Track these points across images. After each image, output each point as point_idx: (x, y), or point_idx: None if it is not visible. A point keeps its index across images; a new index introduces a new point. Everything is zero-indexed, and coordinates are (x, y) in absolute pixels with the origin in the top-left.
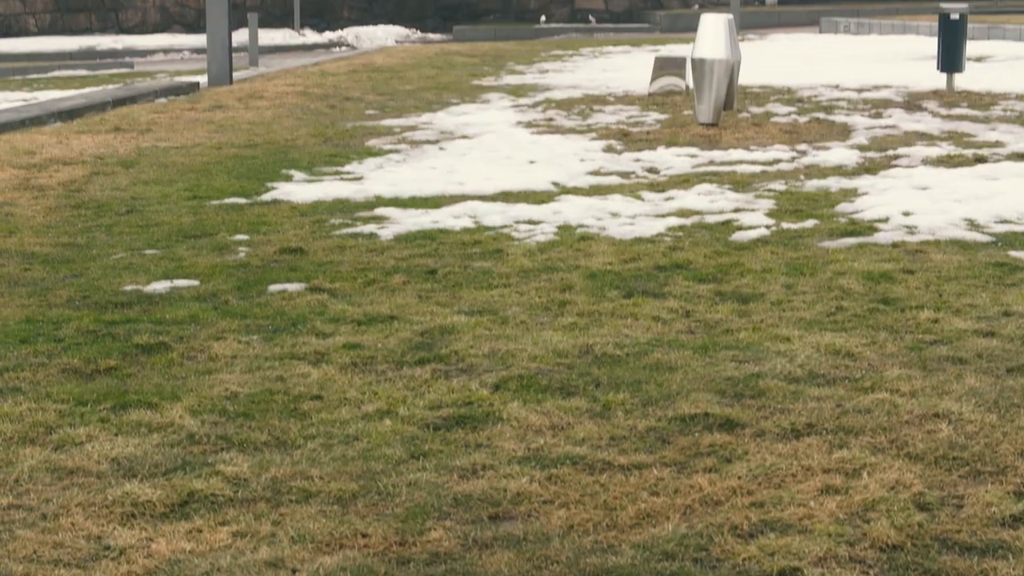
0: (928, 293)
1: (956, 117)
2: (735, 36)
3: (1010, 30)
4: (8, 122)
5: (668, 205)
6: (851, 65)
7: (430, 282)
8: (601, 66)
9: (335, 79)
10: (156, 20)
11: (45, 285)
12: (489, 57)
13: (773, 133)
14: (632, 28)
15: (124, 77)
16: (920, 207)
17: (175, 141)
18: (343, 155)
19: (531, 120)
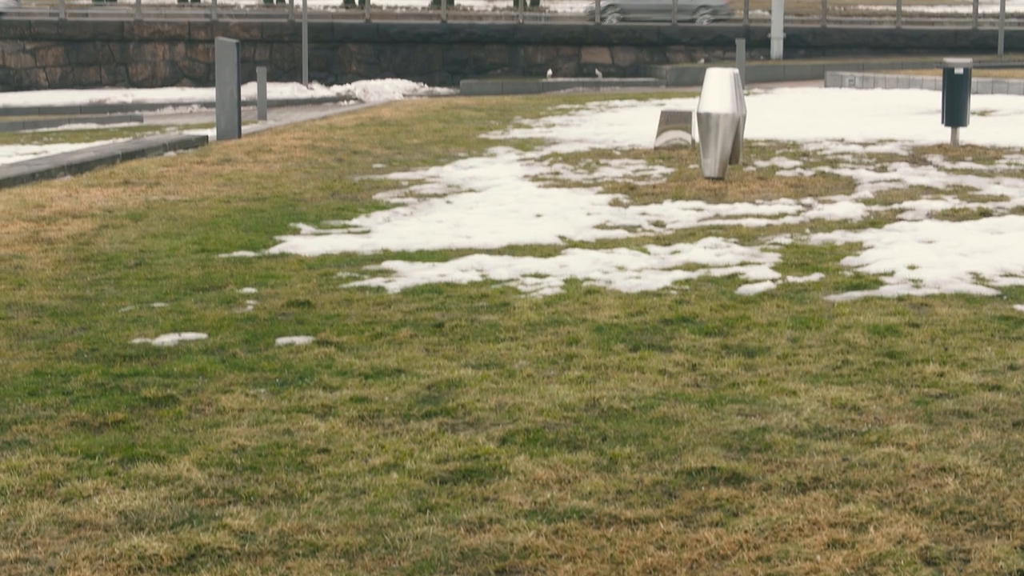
0: (934, 347)
1: (961, 171)
2: (740, 90)
3: (1014, 84)
4: (19, 175)
5: (674, 259)
6: (856, 119)
7: (437, 335)
8: (607, 120)
9: (343, 133)
10: (166, 74)
11: (54, 338)
12: (496, 111)
13: (779, 187)
14: (638, 82)
15: (134, 131)
16: (925, 261)
17: (184, 194)
18: (351, 208)
19: (538, 174)
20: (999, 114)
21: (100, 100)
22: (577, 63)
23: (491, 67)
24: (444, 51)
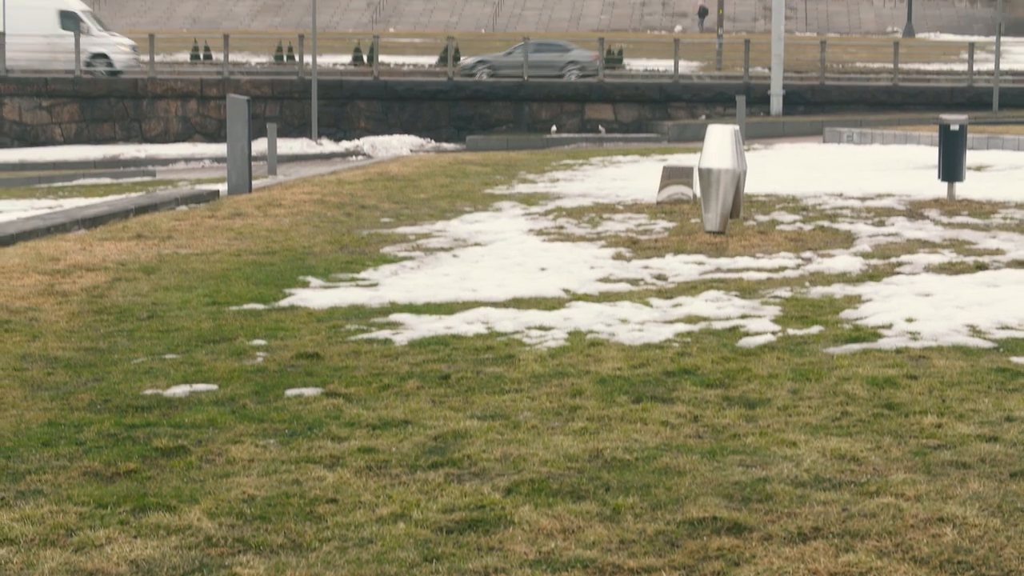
0: (931, 398)
1: (957, 225)
2: (741, 146)
3: (1008, 140)
4: (34, 229)
5: (676, 312)
6: (854, 174)
7: (443, 387)
8: (611, 175)
9: (351, 187)
10: (178, 130)
11: (68, 389)
12: (502, 166)
13: (779, 241)
14: (641, 138)
15: (147, 185)
16: (923, 314)
17: (195, 248)
18: (359, 262)
19: (542, 228)
20: (994, 169)
21: (114, 155)
22: (581, 119)
23: (497, 123)
24: (451, 108)
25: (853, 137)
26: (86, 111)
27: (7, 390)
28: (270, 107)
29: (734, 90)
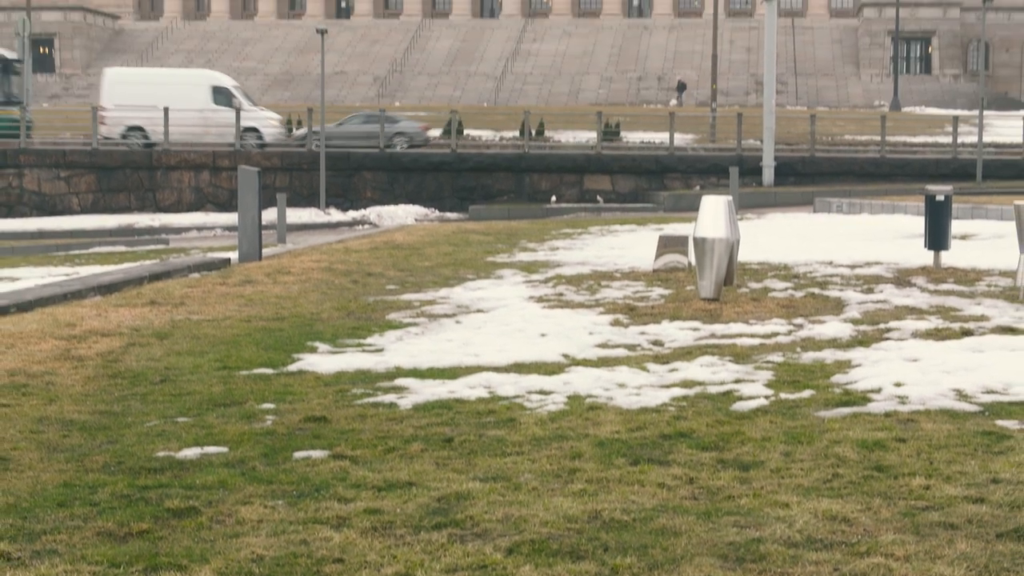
0: (920, 461)
1: (943, 292)
2: (734, 216)
3: (992, 210)
4: (51, 296)
5: (672, 376)
6: (844, 243)
7: (447, 450)
8: (608, 244)
9: (358, 256)
10: (191, 200)
11: (83, 451)
12: (503, 235)
13: (771, 307)
14: (638, 208)
15: (160, 253)
16: (911, 378)
17: (207, 314)
18: (365, 328)
19: (542, 295)
20: (979, 238)
21: (129, 224)
22: (580, 190)
23: (498, 193)
24: (454, 179)
25: (842, 207)
26: (103, 181)
27: (24, 452)
28: (280, 178)
29: (727, 162)
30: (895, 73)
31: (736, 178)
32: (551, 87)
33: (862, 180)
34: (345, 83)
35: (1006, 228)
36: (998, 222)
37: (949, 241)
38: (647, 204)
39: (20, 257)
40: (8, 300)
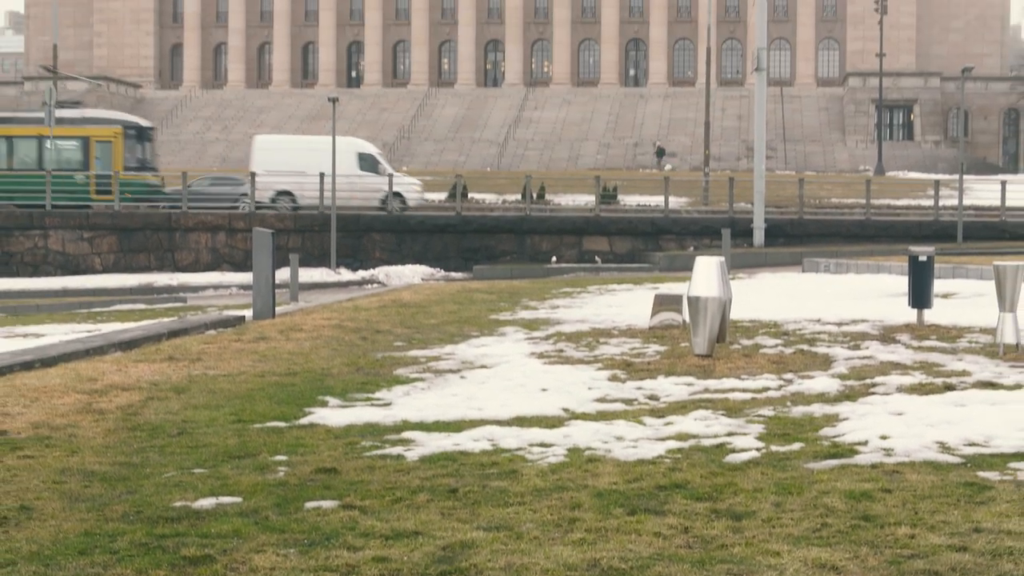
0: (905, 511)
1: (927, 349)
2: (726, 276)
3: (972, 270)
4: (74, 352)
5: (668, 429)
6: (831, 301)
7: (452, 500)
8: (606, 302)
9: (367, 313)
10: (208, 260)
11: (103, 501)
12: (506, 294)
13: (762, 363)
14: (634, 268)
15: (178, 311)
16: (896, 431)
17: (223, 369)
18: (374, 383)
19: (543, 351)
20: (960, 296)
21: (148, 283)
22: (579, 250)
23: (501, 254)
24: (459, 240)
25: (830, 267)
26: (123, 242)
27: (47, 502)
28: (293, 239)
29: (720, 224)
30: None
31: (728, 239)
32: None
33: (848, 241)
34: None
35: (986, 287)
36: (978, 281)
37: (932, 300)
38: (643, 264)
39: (45, 314)
40: (33, 356)
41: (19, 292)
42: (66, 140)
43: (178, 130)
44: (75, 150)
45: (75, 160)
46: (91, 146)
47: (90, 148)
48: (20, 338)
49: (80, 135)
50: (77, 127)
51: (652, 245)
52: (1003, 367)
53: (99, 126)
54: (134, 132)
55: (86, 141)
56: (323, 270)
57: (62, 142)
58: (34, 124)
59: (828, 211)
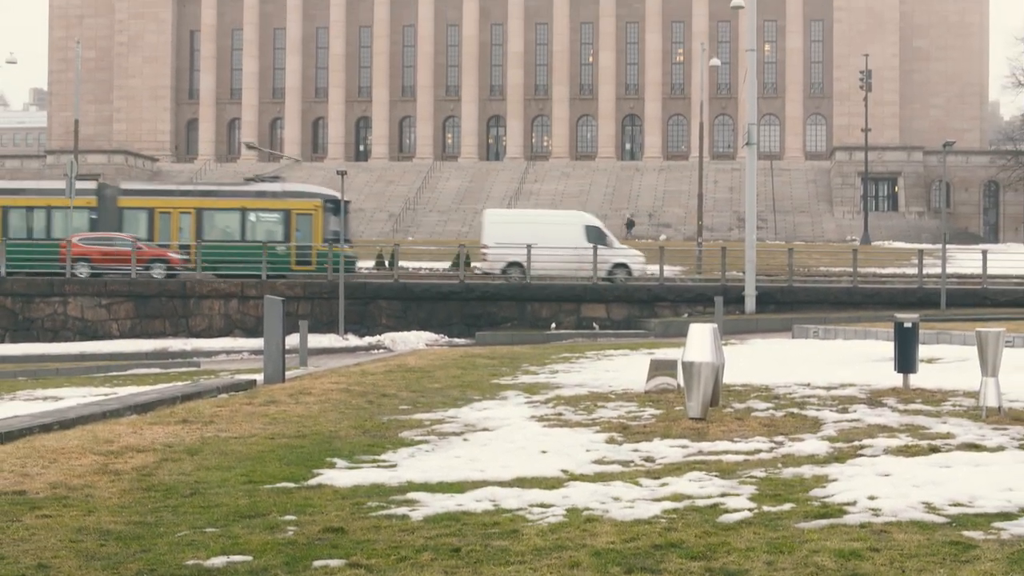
0: (892, 569)
1: (912, 412)
2: (719, 342)
3: (956, 335)
4: (91, 414)
5: (663, 490)
6: (820, 366)
7: (455, 559)
8: (604, 367)
9: (374, 378)
10: (220, 326)
11: (118, 559)
12: (507, 359)
13: (754, 426)
14: (630, 334)
15: (192, 375)
16: (884, 492)
17: (234, 432)
18: (380, 445)
19: (543, 415)
20: (944, 361)
21: (163, 348)
22: (577, 317)
23: (503, 320)
24: (462, 307)
25: (819, 333)
26: (140, 309)
27: (64, 560)
28: (302, 306)
29: (713, 291)
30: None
31: (721, 306)
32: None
33: (836, 308)
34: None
35: (969, 352)
36: (961, 347)
37: (917, 364)
38: (639, 330)
39: (64, 378)
40: (52, 418)
41: (39, 356)
42: (269, 212)
43: None
44: (277, 222)
45: (277, 232)
46: (292, 219)
47: (291, 221)
48: (40, 401)
49: (282, 208)
50: (280, 200)
51: (648, 312)
52: (986, 430)
53: (300, 199)
54: (332, 205)
55: (287, 214)
56: (332, 336)
57: (265, 215)
58: (237, 197)
59: (816, 279)
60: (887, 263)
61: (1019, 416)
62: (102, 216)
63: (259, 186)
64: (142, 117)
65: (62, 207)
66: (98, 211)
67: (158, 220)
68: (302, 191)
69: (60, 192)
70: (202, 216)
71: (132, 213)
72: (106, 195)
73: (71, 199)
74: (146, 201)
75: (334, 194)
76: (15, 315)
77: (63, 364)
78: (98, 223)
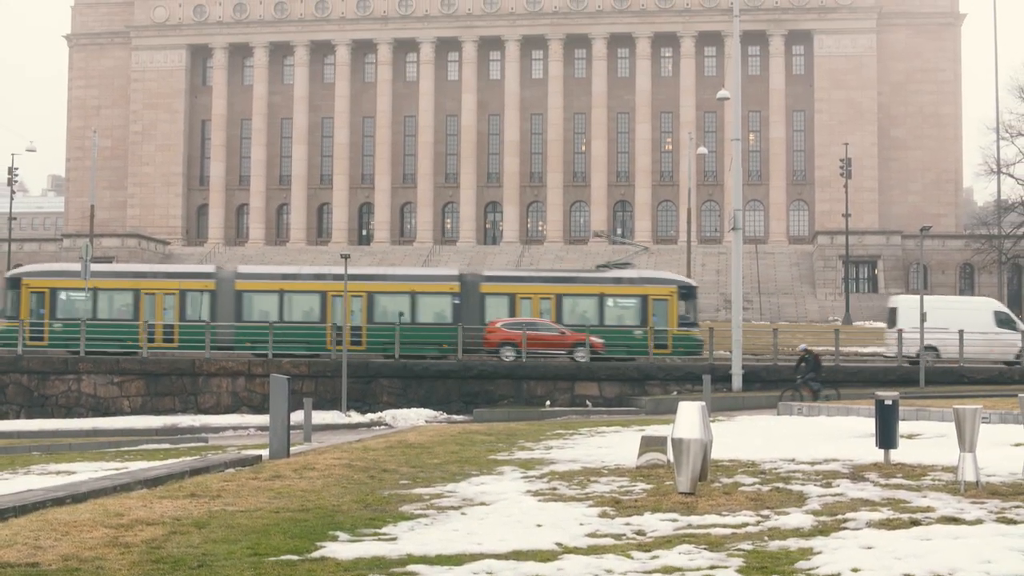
0: None
1: (893, 486)
2: (707, 419)
3: (934, 412)
4: (103, 488)
5: (654, 563)
6: (804, 442)
7: None
8: (597, 443)
9: (375, 454)
10: (228, 403)
11: None
12: (503, 435)
13: (741, 500)
14: (622, 411)
15: (200, 450)
16: (866, 564)
17: (240, 506)
18: (381, 519)
19: (538, 489)
20: (923, 437)
21: (173, 424)
22: (571, 395)
23: (499, 398)
24: (460, 385)
25: (803, 410)
26: (150, 386)
27: None
28: (307, 384)
29: (701, 370)
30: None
31: (708, 385)
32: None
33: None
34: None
35: (947, 428)
36: (940, 423)
37: (897, 440)
38: (631, 408)
39: (77, 453)
40: (65, 492)
41: (53, 432)
42: (627, 298)
43: None
44: (634, 307)
45: (632, 316)
46: (648, 304)
47: (648, 306)
48: (53, 475)
49: (639, 293)
50: (636, 286)
51: (639, 390)
52: (965, 503)
53: (656, 285)
54: (685, 291)
55: (644, 299)
56: (335, 413)
57: (623, 300)
58: (596, 283)
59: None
60: (868, 342)
61: (996, 490)
62: (464, 302)
63: (615, 272)
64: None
65: (430, 293)
66: (460, 296)
67: (519, 305)
68: (658, 278)
69: (420, 279)
70: (562, 301)
71: (494, 299)
72: (468, 282)
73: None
74: (507, 287)
75: (687, 281)
76: (31, 392)
77: (76, 439)
78: (461, 308)
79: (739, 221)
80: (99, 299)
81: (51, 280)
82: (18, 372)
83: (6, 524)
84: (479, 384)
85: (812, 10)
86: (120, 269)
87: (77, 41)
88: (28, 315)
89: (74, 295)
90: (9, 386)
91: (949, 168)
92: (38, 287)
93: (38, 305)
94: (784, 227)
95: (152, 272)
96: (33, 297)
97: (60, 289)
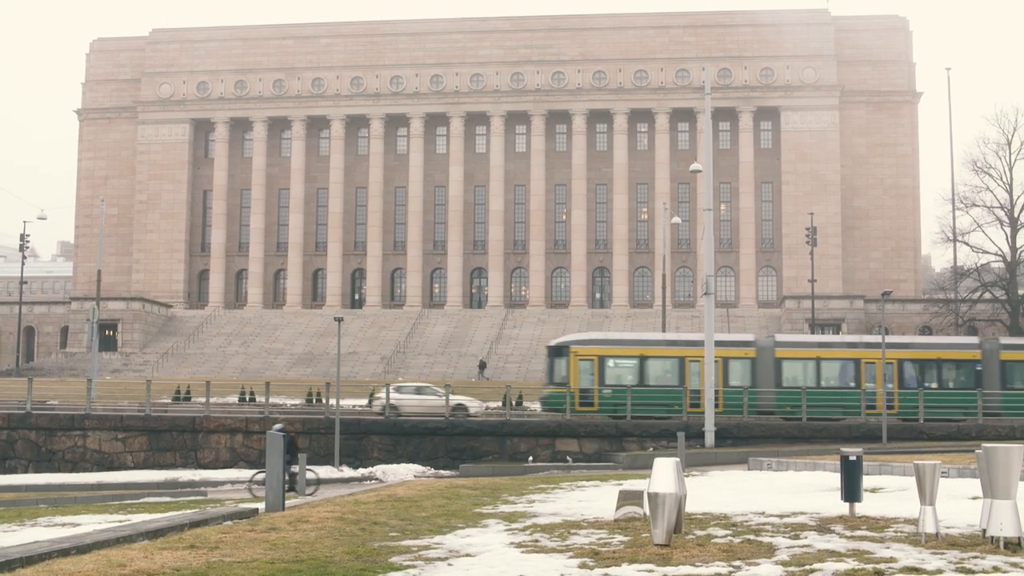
0: None
1: (858, 538)
2: (681, 474)
3: (896, 467)
4: (106, 540)
5: None
6: (774, 496)
7: None
8: (577, 497)
9: (366, 507)
10: (226, 458)
11: None
12: (488, 489)
13: (714, 552)
14: (601, 466)
15: (199, 503)
16: None
17: (237, 557)
18: (371, 570)
19: (521, 541)
20: (886, 491)
21: (173, 478)
22: (552, 451)
23: (484, 454)
24: (447, 441)
25: (772, 465)
26: (152, 442)
27: None
28: (301, 440)
29: (675, 428)
30: None
31: (683, 441)
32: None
33: (788, 442)
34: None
35: (909, 483)
36: (902, 477)
37: (861, 494)
38: (609, 463)
39: (82, 505)
40: (70, 543)
41: (59, 485)
42: None
43: (203, 344)
44: None
45: None
46: None
47: None
48: (59, 527)
49: None
50: None
51: (616, 446)
52: (925, 554)
53: None
54: None
55: None
56: (328, 467)
57: None
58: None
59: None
60: None
61: (955, 541)
62: (759, 367)
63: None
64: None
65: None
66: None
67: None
68: None
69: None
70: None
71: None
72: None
73: None
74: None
75: None
76: (38, 447)
77: (81, 493)
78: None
79: (711, 286)
80: (646, 366)
81: (598, 348)
82: (26, 428)
83: (13, 575)
84: (465, 441)
85: (779, 88)
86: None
87: (87, 115)
88: (577, 382)
89: (621, 362)
90: (18, 442)
91: (908, 236)
92: (586, 355)
93: (587, 372)
94: (753, 292)
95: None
96: (582, 364)
97: (608, 357)
